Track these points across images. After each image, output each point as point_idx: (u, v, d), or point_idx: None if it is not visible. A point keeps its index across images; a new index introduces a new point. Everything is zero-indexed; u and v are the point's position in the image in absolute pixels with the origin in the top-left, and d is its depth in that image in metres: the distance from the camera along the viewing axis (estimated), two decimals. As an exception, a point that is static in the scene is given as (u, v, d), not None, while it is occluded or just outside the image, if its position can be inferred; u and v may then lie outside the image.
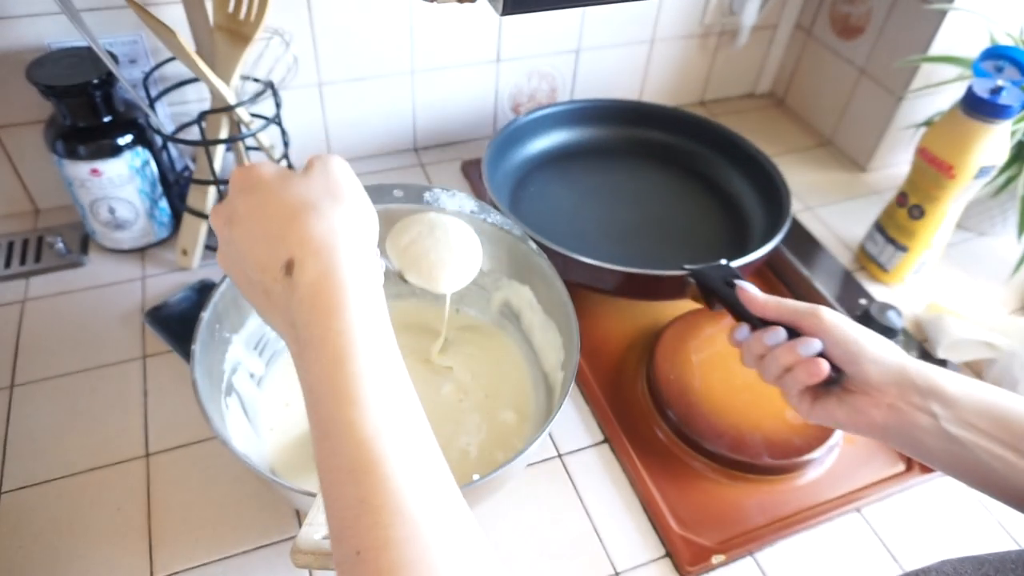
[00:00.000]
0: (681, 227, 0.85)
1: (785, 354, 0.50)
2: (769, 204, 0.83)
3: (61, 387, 0.67)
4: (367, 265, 0.38)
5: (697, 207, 0.88)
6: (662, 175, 0.91)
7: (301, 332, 0.36)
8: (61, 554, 0.56)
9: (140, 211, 0.77)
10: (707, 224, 0.86)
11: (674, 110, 0.93)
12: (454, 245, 0.60)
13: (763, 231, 0.81)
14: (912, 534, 0.62)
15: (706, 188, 0.90)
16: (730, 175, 0.89)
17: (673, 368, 0.70)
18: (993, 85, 0.72)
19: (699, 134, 0.91)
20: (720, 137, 0.90)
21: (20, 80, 0.68)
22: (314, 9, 0.80)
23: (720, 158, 0.90)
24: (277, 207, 0.38)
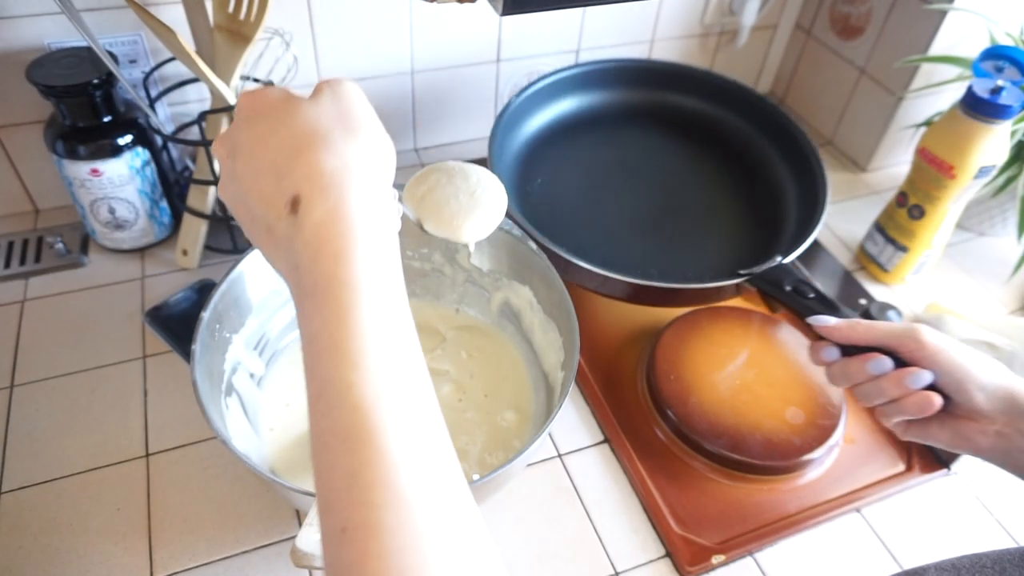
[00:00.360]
0: (706, 210, 0.76)
1: (892, 387, 0.47)
2: (803, 187, 0.76)
3: (61, 387, 0.67)
4: (381, 207, 0.34)
5: (723, 185, 0.78)
6: (685, 147, 0.81)
7: (304, 277, 0.32)
8: (61, 554, 0.56)
9: (140, 211, 0.77)
10: (734, 207, 0.77)
11: (704, 72, 0.83)
12: (476, 192, 0.56)
13: (799, 217, 0.74)
14: (912, 534, 0.62)
15: (731, 162, 0.80)
16: (761, 150, 0.80)
17: (673, 368, 0.70)
18: (993, 85, 0.72)
19: (727, 100, 0.82)
20: (752, 106, 0.80)
21: (20, 80, 0.68)
22: (314, 9, 0.80)
23: (751, 130, 0.81)
24: (284, 137, 0.34)
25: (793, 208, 0.75)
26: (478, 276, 0.72)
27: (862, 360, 0.49)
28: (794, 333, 0.75)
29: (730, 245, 0.72)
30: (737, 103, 0.80)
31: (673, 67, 0.82)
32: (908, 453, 0.68)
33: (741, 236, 0.73)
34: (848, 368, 0.50)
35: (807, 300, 0.58)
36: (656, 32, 1.00)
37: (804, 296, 0.58)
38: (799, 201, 0.75)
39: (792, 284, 0.58)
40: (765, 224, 0.74)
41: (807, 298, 0.58)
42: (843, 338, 0.51)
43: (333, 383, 0.30)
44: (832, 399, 0.69)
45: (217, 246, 0.81)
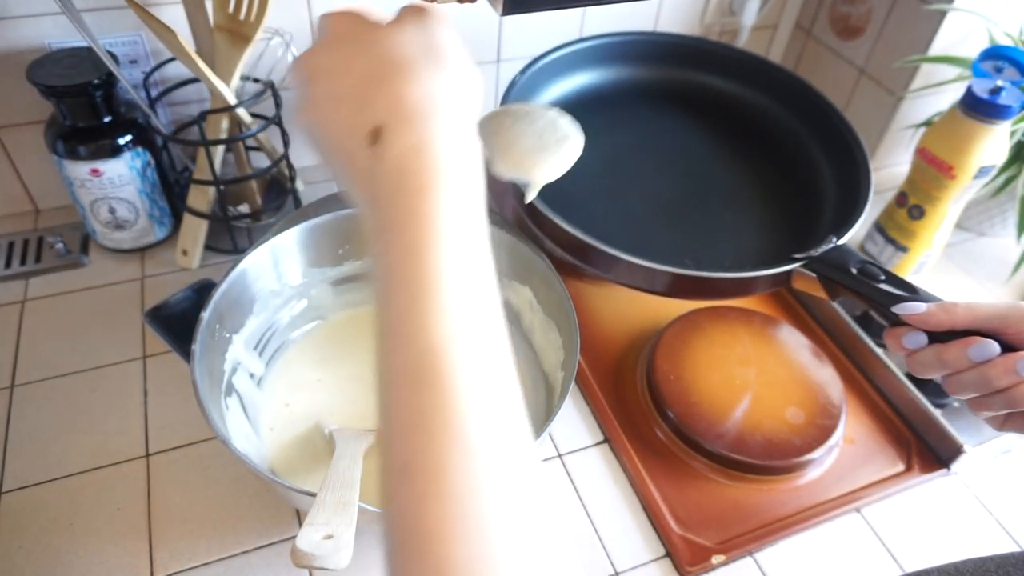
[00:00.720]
0: (734, 194, 0.70)
1: (1001, 375, 0.42)
2: (837, 162, 0.70)
3: (61, 387, 0.67)
4: (467, 141, 0.33)
5: (750, 167, 0.72)
6: (705, 127, 0.75)
7: (382, 209, 0.31)
8: (61, 554, 0.56)
9: (140, 211, 0.77)
10: (764, 189, 0.70)
11: (729, 48, 0.77)
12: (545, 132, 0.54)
13: (838, 195, 0.68)
14: (912, 534, 0.62)
15: (755, 141, 0.74)
16: (787, 127, 0.73)
17: (673, 368, 0.70)
18: (993, 85, 0.72)
19: (746, 75, 0.76)
20: (774, 80, 0.74)
21: (20, 80, 0.68)
22: (314, 9, 0.80)
23: (774, 105, 0.74)
24: (366, 63, 0.33)
25: (830, 186, 0.69)
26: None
27: (962, 345, 0.43)
28: (794, 333, 0.75)
29: (766, 230, 0.66)
30: (757, 77, 0.74)
31: (690, 40, 0.76)
32: (908, 453, 0.68)
33: (776, 220, 0.67)
34: (945, 355, 0.44)
35: (878, 283, 0.50)
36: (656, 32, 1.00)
37: (874, 279, 0.51)
38: (835, 178, 0.70)
39: (858, 266, 0.51)
40: (800, 206, 0.68)
41: (878, 281, 0.51)
42: (939, 324, 0.45)
43: (404, 320, 0.29)
44: (832, 399, 0.69)
45: (217, 246, 0.81)
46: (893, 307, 0.47)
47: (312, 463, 0.61)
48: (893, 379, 0.72)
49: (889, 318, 0.48)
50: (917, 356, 0.46)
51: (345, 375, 0.67)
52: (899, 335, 0.47)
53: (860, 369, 0.75)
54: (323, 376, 0.67)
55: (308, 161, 0.94)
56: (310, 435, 0.62)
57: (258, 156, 0.83)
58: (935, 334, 0.46)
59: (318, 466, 0.60)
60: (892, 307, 0.47)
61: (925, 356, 0.46)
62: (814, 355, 0.73)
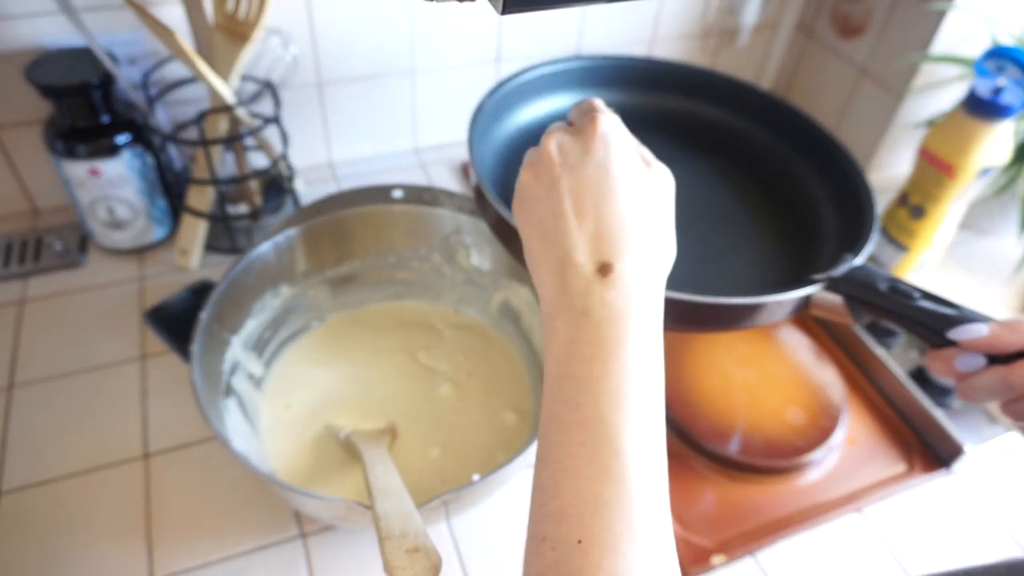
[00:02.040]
0: (728, 221, 0.68)
1: None
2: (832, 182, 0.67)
3: (61, 387, 0.67)
4: (662, 277, 0.39)
5: (742, 193, 0.70)
6: (692, 154, 0.73)
7: (590, 324, 0.36)
8: (61, 554, 0.56)
9: (139, 211, 0.77)
10: (759, 215, 0.68)
11: (712, 74, 0.75)
12: None
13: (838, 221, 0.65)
14: (913, 534, 0.62)
15: (745, 167, 0.72)
16: (788, 160, 0.71)
17: (673, 368, 0.70)
18: (994, 85, 0.72)
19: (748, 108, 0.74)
20: (773, 112, 0.72)
21: (19, 80, 0.68)
22: (314, 9, 0.80)
23: (774, 137, 0.72)
24: (620, 198, 0.38)
25: (827, 205, 0.67)
26: (477, 276, 0.72)
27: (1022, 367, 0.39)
28: (795, 333, 0.75)
29: (765, 258, 0.63)
30: (735, 100, 0.74)
31: (666, 66, 0.75)
32: (909, 453, 0.68)
33: (774, 246, 0.64)
34: (1011, 378, 0.39)
35: (914, 302, 0.45)
36: (656, 32, 1.00)
37: (909, 298, 0.46)
38: (831, 196, 0.67)
39: (887, 283, 0.46)
40: (797, 229, 0.66)
41: (913, 299, 0.46)
42: (1006, 347, 0.40)
43: (606, 423, 0.34)
44: (833, 400, 0.69)
45: (216, 246, 0.81)
46: (949, 332, 0.42)
47: (313, 464, 0.61)
48: (894, 380, 0.72)
49: (932, 340, 0.44)
50: (974, 381, 0.41)
51: (344, 375, 0.67)
52: (948, 358, 0.42)
53: (861, 369, 0.75)
54: (322, 377, 0.67)
55: (308, 161, 0.94)
56: (316, 437, 0.62)
57: (257, 156, 0.83)
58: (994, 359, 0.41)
59: (328, 468, 0.60)
60: (948, 332, 0.42)
61: (985, 380, 0.40)
62: (815, 355, 0.73)
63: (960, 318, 0.43)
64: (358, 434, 0.60)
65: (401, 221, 0.69)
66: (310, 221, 0.66)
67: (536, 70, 0.70)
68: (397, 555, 0.39)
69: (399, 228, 0.70)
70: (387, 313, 0.73)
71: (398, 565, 0.39)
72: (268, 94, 0.76)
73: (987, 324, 0.41)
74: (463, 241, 0.70)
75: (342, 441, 0.60)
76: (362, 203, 0.68)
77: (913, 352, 0.74)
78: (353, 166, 0.95)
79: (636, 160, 0.40)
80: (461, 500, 0.51)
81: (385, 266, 0.72)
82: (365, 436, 0.59)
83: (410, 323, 0.72)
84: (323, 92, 0.88)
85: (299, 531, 0.59)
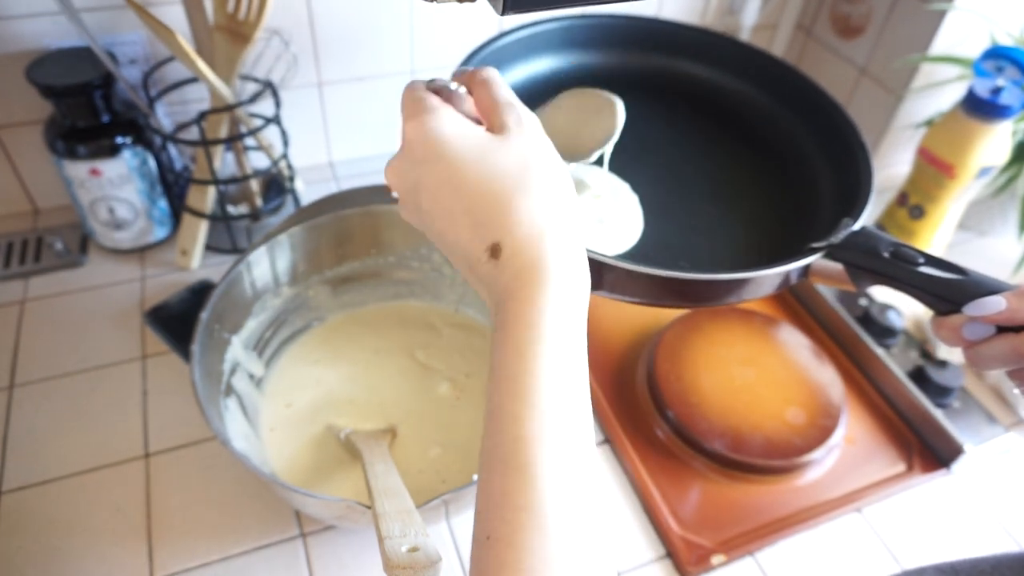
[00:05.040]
0: (721, 188, 0.64)
1: None
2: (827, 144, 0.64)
3: (61, 387, 0.67)
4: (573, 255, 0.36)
5: (735, 159, 0.66)
6: (683, 118, 0.69)
7: (499, 312, 0.35)
8: (61, 554, 0.56)
9: (139, 211, 0.77)
10: (752, 182, 0.64)
11: (706, 32, 0.71)
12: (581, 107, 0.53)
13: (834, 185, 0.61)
14: (913, 534, 0.62)
15: (743, 136, 0.68)
16: (780, 121, 0.67)
17: (673, 368, 0.70)
18: (994, 85, 0.72)
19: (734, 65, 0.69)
20: (763, 70, 0.68)
21: (20, 80, 0.68)
22: (314, 9, 0.80)
23: (765, 97, 0.68)
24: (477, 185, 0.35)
25: (823, 168, 0.63)
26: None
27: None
28: (794, 333, 0.75)
29: (760, 225, 0.61)
30: (731, 60, 0.69)
31: (660, 24, 0.71)
32: (909, 453, 0.68)
33: (769, 213, 0.61)
34: (1022, 347, 0.38)
35: (917, 267, 0.43)
36: (656, 32, 1.00)
37: (912, 263, 0.44)
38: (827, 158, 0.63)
39: (890, 249, 0.44)
40: (793, 195, 0.62)
41: (916, 264, 0.44)
42: (1023, 319, 0.38)
43: (503, 411, 0.33)
44: (832, 399, 0.69)
45: (217, 246, 0.81)
46: (964, 307, 0.40)
47: (313, 465, 0.61)
48: (894, 379, 0.72)
49: (938, 307, 0.42)
50: (982, 349, 0.40)
51: (344, 375, 0.67)
52: (955, 326, 0.40)
53: (861, 369, 0.75)
54: (323, 376, 0.67)
55: (308, 161, 0.94)
56: (317, 437, 0.62)
57: (258, 156, 0.83)
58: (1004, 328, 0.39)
59: (328, 468, 0.60)
60: (964, 307, 0.40)
61: (994, 349, 0.39)
62: (814, 355, 0.73)
63: (969, 285, 0.41)
64: (358, 434, 0.60)
65: (401, 221, 0.69)
66: (310, 221, 0.66)
67: (512, 35, 0.66)
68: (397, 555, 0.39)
69: (399, 228, 0.70)
70: (387, 313, 0.73)
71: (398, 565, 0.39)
72: (268, 94, 0.76)
73: (1003, 297, 0.39)
74: (463, 241, 0.70)
75: (342, 441, 0.60)
76: (362, 203, 0.68)
77: (913, 352, 0.74)
78: (353, 166, 0.95)
79: (471, 140, 0.36)
80: (461, 500, 0.52)
81: (385, 266, 0.72)
82: (365, 436, 0.59)
83: (410, 323, 0.72)
84: (323, 92, 0.88)
85: (299, 531, 0.59)
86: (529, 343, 0.33)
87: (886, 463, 0.67)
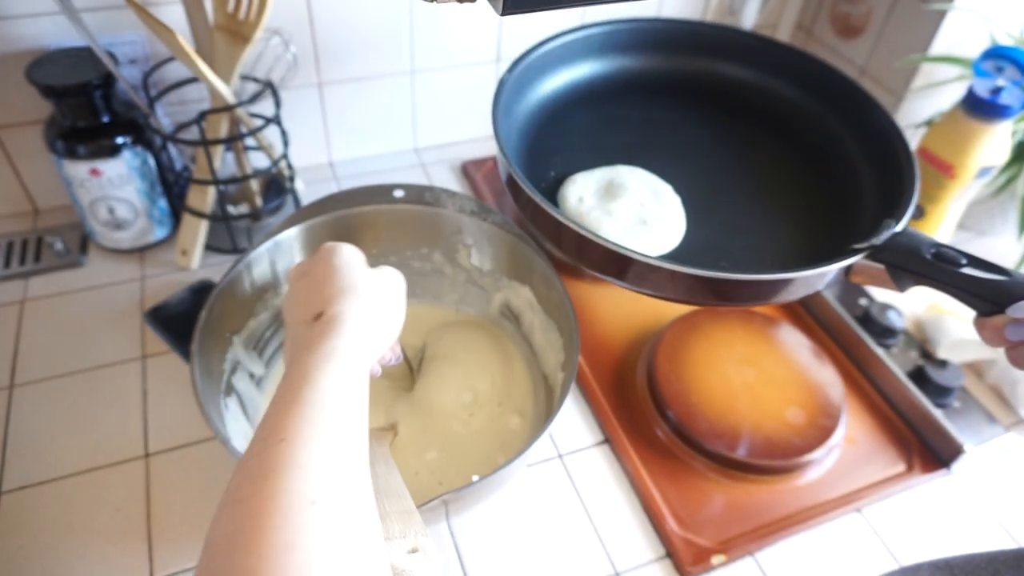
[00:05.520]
0: (760, 190, 0.63)
1: None
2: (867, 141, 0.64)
3: (61, 387, 0.67)
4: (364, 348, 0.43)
5: (773, 159, 0.66)
6: (720, 119, 0.69)
7: (306, 353, 0.40)
8: (61, 554, 0.56)
9: (139, 211, 0.77)
10: (792, 182, 0.63)
11: (745, 34, 0.71)
12: None
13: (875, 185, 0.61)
14: (913, 534, 0.62)
15: (782, 137, 0.68)
16: (821, 120, 0.67)
17: (673, 368, 0.70)
18: (993, 85, 0.72)
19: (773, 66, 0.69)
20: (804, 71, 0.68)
21: (20, 80, 0.68)
22: (314, 9, 0.80)
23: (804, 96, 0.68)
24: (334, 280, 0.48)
25: (864, 168, 0.63)
26: (478, 276, 0.72)
27: None
28: (794, 333, 0.75)
29: (802, 224, 0.61)
30: (763, 59, 0.68)
31: (688, 25, 0.71)
32: (908, 453, 0.68)
33: (810, 212, 0.61)
34: None
35: (960, 269, 0.44)
36: (656, 32, 1.00)
37: (955, 264, 0.44)
38: (868, 158, 0.63)
39: (932, 251, 0.44)
40: (833, 195, 0.62)
41: (959, 266, 0.44)
42: None
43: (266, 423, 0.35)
44: (832, 399, 0.69)
45: (217, 246, 0.81)
46: (1009, 310, 0.40)
47: (312, 463, 0.61)
48: (894, 379, 0.72)
49: (980, 308, 0.42)
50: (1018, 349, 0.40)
51: (345, 375, 0.67)
52: (998, 326, 0.41)
53: (861, 369, 0.75)
54: (323, 376, 0.67)
55: (308, 161, 0.94)
56: None
57: (258, 156, 0.83)
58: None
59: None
60: (1007, 309, 0.40)
61: None
62: (814, 355, 0.73)
63: (1012, 286, 0.41)
64: None
65: (402, 221, 0.69)
66: (310, 221, 0.66)
67: (553, 41, 0.67)
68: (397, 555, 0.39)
69: (400, 228, 0.70)
70: (387, 313, 0.73)
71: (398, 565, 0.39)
72: (268, 94, 0.76)
73: None
74: (464, 241, 0.70)
75: None
76: (362, 203, 0.68)
77: (913, 352, 0.74)
78: (353, 166, 0.95)
79: (356, 260, 0.50)
80: (461, 500, 0.52)
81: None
82: None
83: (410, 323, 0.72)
84: (323, 92, 0.88)
85: (299, 531, 0.59)
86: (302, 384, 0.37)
87: (886, 463, 0.67)
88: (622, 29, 0.70)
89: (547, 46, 0.67)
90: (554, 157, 0.65)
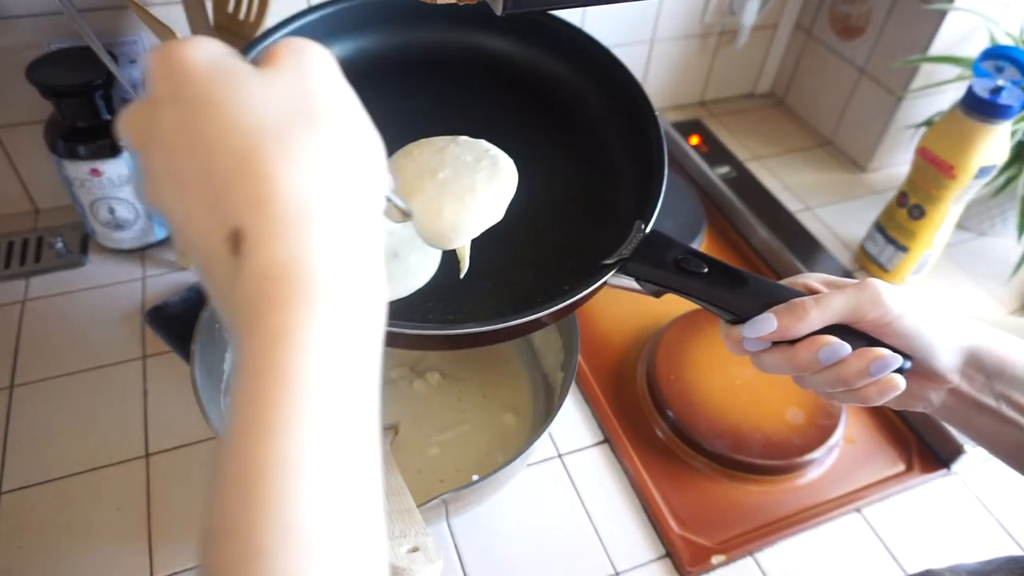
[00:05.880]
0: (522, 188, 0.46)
1: (854, 375, 0.39)
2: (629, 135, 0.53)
3: (61, 387, 0.67)
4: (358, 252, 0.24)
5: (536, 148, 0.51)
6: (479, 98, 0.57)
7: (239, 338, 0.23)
8: (61, 554, 0.56)
9: (140, 211, 0.77)
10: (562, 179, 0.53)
11: None
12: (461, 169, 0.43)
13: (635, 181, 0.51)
14: (913, 534, 0.62)
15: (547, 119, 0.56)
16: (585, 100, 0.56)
17: (673, 368, 0.70)
18: (993, 85, 0.72)
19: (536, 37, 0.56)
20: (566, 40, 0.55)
21: (20, 80, 0.68)
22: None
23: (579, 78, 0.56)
24: (220, 132, 0.23)
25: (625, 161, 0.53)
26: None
27: (810, 347, 0.39)
28: (794, 333, 0.75)
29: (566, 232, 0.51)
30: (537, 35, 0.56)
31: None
32: (908, 453, 0.68)
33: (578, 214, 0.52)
34: (795, 360, 0.40)
35: (700, 278, 0.42)
36: (656, 32, 1.00)
37: (696, 274, 0.42)
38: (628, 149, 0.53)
39: (675, 258, 0.42)
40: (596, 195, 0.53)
41: (699, 274, 0.42)
42: (796, 334, 0.40)
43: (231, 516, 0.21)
44: (832, 399, 0.69)
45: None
46: (745, 331, 0.41)
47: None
48: (893, 379, 0.72)
49: (724, 316, 0.43)
50: (763, 358, 0.42)
51: (345, 375, 0.67)
52: (736, 338, 0.42)
53: (860, 369, 0.75)
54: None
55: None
56: None
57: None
58: None
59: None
60: (745, 332, 0.41)
61: (772, 360, 0.42)
62: (814, 355, 0.73)
63: (748, 296, 0.41)
64: None
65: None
66: (310, 221, 0.65)
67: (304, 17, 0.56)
68: (397, 555, 0.39)
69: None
70: (387, 313, 0.73)
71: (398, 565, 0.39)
72: (268, 94, 0.76)
73: (774, 315, 0.40)
74: (463, 241, 0.70)
75: None
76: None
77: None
78: (353, 166, 0.95)
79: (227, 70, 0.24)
80: (461, 500, 0.52)
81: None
82: None
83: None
84: (323, 92, 0.88)
85: (299, 530, 0.59)
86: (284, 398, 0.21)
87: (886, 463, 0.67)
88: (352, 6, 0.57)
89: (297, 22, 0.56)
90: None
